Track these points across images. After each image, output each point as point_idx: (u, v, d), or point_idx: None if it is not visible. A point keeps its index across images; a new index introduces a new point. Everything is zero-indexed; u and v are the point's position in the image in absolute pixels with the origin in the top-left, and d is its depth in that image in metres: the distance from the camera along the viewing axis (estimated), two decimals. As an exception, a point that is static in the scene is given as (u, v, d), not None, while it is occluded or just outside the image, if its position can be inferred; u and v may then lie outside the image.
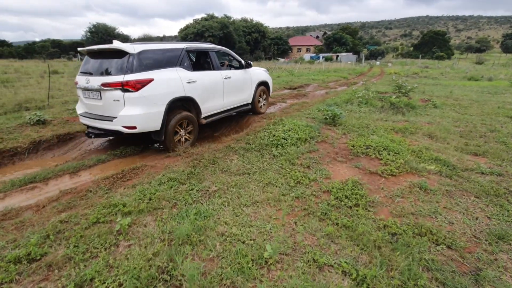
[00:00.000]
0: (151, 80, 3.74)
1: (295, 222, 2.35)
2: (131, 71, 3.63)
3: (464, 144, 4.14)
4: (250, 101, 6.14)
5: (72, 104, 8.45)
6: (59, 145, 5.12)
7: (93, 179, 3.37)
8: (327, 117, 5.23)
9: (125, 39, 41.57)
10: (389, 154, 3.64)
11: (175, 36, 54.37)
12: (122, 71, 3.64)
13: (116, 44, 3.75)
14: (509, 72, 21.00)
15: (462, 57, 60.56)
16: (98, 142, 5.09)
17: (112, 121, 3.75)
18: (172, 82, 4.04)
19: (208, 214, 2.46)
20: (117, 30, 41.44)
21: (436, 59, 48.92)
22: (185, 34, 42.30)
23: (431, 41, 62.42)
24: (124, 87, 3.58)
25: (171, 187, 2.96)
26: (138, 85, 3.63)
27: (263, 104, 6.68)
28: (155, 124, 3.87)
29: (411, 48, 72.24)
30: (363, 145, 3.95)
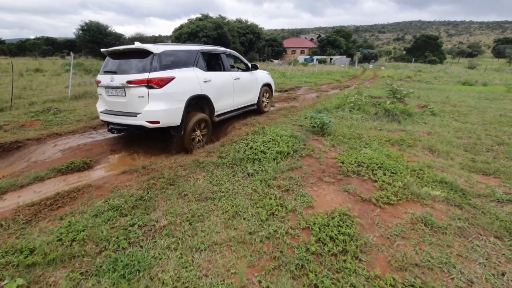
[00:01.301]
0: (173, 78, 3.88)
1: (260, 281, 1.71)
2: (155, 69, 3.77)
3: (471, 161, 3.57)
4: (255, 101, 6.36)
5: (39, 105, 7.68)
6: (3, 155, 4.39)
7: (16, 206, 2.67)
8: (315, 125, 4.62)
9: (117, 37, 40.32)
10: (384, 174, 3.04)
11: (170, 36, 53.26)
12: (146, 69, 3.78)
13: (141, 45, 3.91)
14: (504, 77, 20.91)
15: (454, 61, 61.13)
16: (50, 152, 4.37)
17: (136, 116, 3.82)
18: (191, 80, 4.22)
19: (144, 266, 1.81)
20: (109, 29, 40.08)
21: (428, 63, 49.22)
22: (179, 34, 41.32)
23: (423, 45, 62.85)
24: (149, 84, 3.70)
25: (108, 221, 2.30)
26: (161, 82, 3.76)
27: (266, 103, 6.95)
28: (176, 119, 3.98)
29: (404, 52, 72.70)
30: (354, 162, 3.34)
